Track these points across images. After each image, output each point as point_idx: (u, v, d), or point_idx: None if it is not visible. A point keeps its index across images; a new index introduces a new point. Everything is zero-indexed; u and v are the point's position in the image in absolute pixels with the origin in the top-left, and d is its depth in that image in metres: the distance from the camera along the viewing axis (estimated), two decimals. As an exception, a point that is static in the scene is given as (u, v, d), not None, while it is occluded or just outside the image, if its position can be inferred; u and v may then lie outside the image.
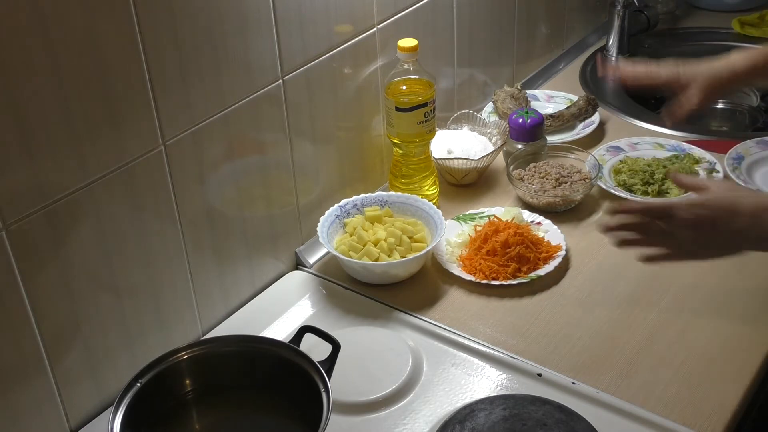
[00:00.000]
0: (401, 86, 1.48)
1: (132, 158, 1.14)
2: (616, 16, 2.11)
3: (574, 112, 1.82)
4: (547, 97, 1.94)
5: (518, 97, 1.82)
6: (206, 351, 1.16)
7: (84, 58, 1.03)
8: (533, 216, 1.54)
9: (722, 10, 2.34)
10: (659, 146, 1.73)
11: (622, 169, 1.65)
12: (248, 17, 1.24)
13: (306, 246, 1.49)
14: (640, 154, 1.71)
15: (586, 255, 1.47)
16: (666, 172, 1.59)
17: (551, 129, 1.79)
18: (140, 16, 1.08)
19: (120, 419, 1.05)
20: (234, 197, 1.32)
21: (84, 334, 1.15)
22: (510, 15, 1.89)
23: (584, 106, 1.83)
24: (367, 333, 1.32)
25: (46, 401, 1.13)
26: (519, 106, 1.78)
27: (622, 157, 1.70)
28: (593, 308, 1.35)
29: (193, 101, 1.20)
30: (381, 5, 1.48)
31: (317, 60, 1.39)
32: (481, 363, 1.27)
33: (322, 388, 1.07)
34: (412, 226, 1.45)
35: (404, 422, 1.18)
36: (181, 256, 1.26)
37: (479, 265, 1.41)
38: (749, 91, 2.12)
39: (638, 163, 1.65)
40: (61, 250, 1.09)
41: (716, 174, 1.63)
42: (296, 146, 1.40)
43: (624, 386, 1.21)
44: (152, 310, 1.24)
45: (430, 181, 1.56)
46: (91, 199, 1.10)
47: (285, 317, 1.37)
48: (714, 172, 1.64)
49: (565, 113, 1.82)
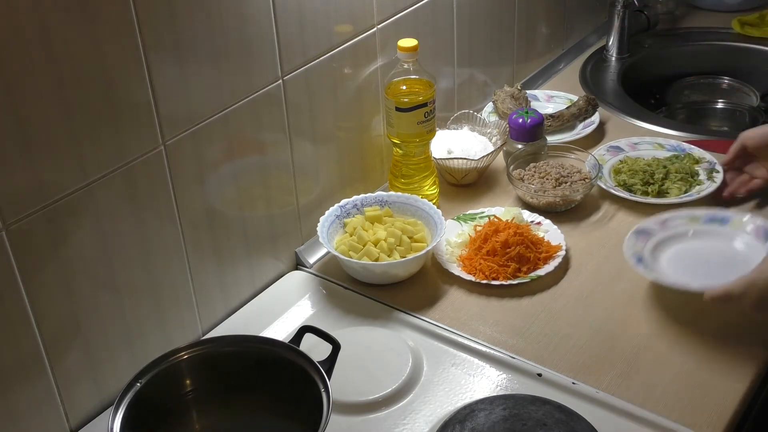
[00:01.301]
0: (401, 86, 1.48)
1: (132, 158, 1.14)
2: (616, 16, 2.11)
3: (574, 112, 1.82)
4: (547, 97, 1.94)
5: (518, 97, 1.82)
6: (206, 351, 1.15)
7: (84, 58, 1.03)
8: (533, 216, 1.54)
9: (722, 10, 2.34)
10: (659, 146, 1.73)
11: (622, 169, 1.65)
12: (248, 17, 1.24)
13: (306, 246, 1.49)
14: (640, 154, 1.71)
15: (586, 255, 1.47)
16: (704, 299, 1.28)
17: (551, 129, 1.79)
18: (140, 16, 1.08)
19: (120, 419, 1.05)
20: (234, 197, 1.32)
21: (84, 334, 1.15)
22: (510, 15, 1.89)
23: (584, 106, 1.83)
24: (367, 333, 1.32)
25: (46, 401, 1.13)
26: (519, 106, 1.78)
27: (622, 157, 1.70)
28: (593, 308, 1.35)
29: (193, 101, 1.20)
30: (381, 5, 1.48)
31: (317, 60, 1.39)
32: (481, 363, 1.27)
33: (322, 388, 1.07)
34: (412, 226, 1.45)
35: (404, 422, 1.18)
36: (181, 256, 1.26)
37: (479, 265, 1.41)
38: (749, 91, 2.12)
39: (638, 163, 1.65)
40: (61, 250, 1.09)
41: (716, 174, 1.63)
42: (296, 146, 1.40)
43: (624, 386, 1.21)
44: (152, 310, 1.24)
45: (430, 181, 1.56)
46: (91, 199, 1.10)
47: (285, 317, 1.37)
48: (714, 173, 1.63)
49: (565, 113, 1.82)
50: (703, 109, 2.14)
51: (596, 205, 1.60)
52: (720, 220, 1.41)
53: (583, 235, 1.52)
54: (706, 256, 1.37)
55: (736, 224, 1.40)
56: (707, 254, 1.37)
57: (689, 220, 1.42)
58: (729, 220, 1.41)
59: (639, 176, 1.61)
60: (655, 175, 1.61)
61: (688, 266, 1.35)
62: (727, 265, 1.33)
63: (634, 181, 1.61)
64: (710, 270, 1.34)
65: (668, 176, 1.61)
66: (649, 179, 1.60)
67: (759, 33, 2.19)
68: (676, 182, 1.59)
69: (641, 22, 2.20)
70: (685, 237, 1.41)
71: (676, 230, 1.41)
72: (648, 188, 1.59)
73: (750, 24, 2.22)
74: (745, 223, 1.40)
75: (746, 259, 1.33)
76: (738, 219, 1.40)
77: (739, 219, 1.40)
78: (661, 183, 1.59)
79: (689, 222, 1.42)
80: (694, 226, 1.41)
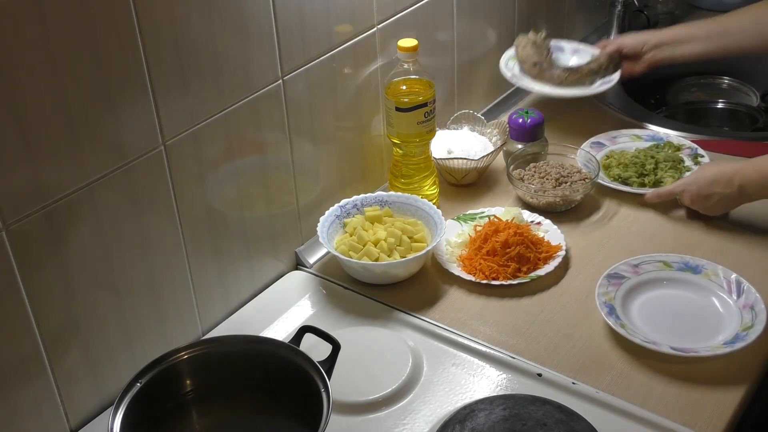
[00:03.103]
0: (401, 86, 1.48)
1: (132, 158, 1.14)
2: (616, 16, 2.11)
3: (594, 68, 1.76)
4: (572, 50, 1.88)
5: (540, 45, 1.77)
6: (206, 351, 1.16)
7: (84, 58, 1.03)
8: (533, 216, 1.54)
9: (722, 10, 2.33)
10: (637, 137, 1.76)
11: (611, 164, 1.67)
12: (248, 17, 1.24)
13: (306, 246, 1.49)
14: (621, 147, 1.74)
15: (586, 255, 1.47)
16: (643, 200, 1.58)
17: (567, 82, 1.75)
18: (140, 16, 1.08)
19: (120, 419, 1.05)
20: (234, 197, 1.32)
21: (84, 334, 1.15)
22: (510, 15, 1.89)
23: (605, 63, 1.76)
24: (367, 333, 1.32)
25: (46, 401, 1.13)
26: (540, 55, 1.75)
27: (607, 151, 1.72)
28: (593, 308, 1.35)
29: (193, 101, 1.20)
30: (381, 5, 1.48)
31: (317, 60, 1.39)
32: (481, 363, 1.27)
33: (322, 388, 1.07)
34: (412, 226, 1.45)
35: (404, 422, 1.18)
36: (181, 256, 1.26)
37: (479, 265, 1.41)
38: (749, 91, 2.12)
39: (626, 156, 1.68)
40: (61, 250, 1.09)
41: (701, 159, 1.66)
42: (296, 146, 1.40)
43: (624, 386, 1.21)
44: (152, 310, 1.24)
45: (430, 181, 1.56)
46: (91, 199, 1.10)
47: (285, 317, 1.37)
48: (699, 157, 1.67)
49: (584, 68, 1.76)
50: (703, 109, 2.14)
51: (596, 205, 1.60)
52: (693, 268, 1.38)
53: (583, 235, 1.52)
54: (677, 307, 1.34)
55: (710, 275, 1.36)
56: (679, 306, 1.34)
57: (663, 265, 1.39)
58: (701, 270, 1.37)
59: (632, 169, 1.64)
60: (646, 166, 1.64)
61: (659, 316, 1.32)
62: (698, 319, 1.31)
63: (629, 174, 1.63)
64: (680, 323, 1.30)
65: (658, 166, 1.64)
66: (642, 171, 1.63)
67: (759, 33, 2.19)
68: (668, 171, 1.63)
69: (641, 22, 2.19)
70: (658, 284, 1.37)
71: (648, 276, 1.38)
72: (644, 179, 1.62)
73: (750, 24, 2.22)
74: (718, 276, 1.35)
75: (717, 315, 1.31)
76: (711, 270, 1.37)
77: (713, 270, 1.36)
78: (655, 173, 1.63)
79: (663, 267, 1.38)
80: (667, 272, 1.38)
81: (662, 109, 2.12)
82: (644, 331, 1.28)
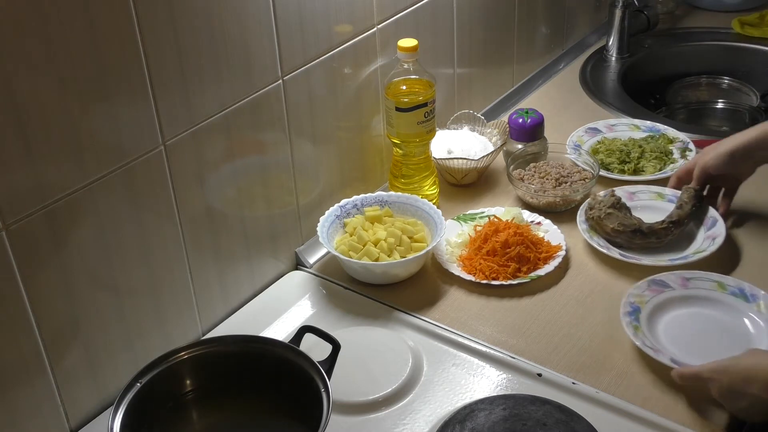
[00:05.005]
0: (401, 86, 1.48)
1: (132, 158, 1.14)
2: (616, 16, 2.11)
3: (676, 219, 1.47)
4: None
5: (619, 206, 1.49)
6: (206, 351, 1.16)
7: (84, 58, 1.03)
8: (533, 216, 1.54)
9: (722, 10, 2.34)
10: (635, 127, 1.80)
11: (599, 150, 1.72)
12: (248, 17, 1.24)
13: (306, 246, 1.49)
14: (617, 135, 1.78)
15: (586, 255, 1.47)
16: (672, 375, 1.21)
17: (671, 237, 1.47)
18: (140, 16, 1.08)
19: (120, 419, 1.05)
20: (234, 197, 1.32)
21: (84, 334, 1.15)
22: (510, 15, 1.89)
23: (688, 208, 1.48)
24: (367, 333, 1.32)
25: (46, 401, 1.13)
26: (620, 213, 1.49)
27: (600, 138, 1.77)
28: (593, 308, 1.35)
29: (193, 101, 1.20)
30: (381, 5, 1.48)
31: (317, 60, 1.39)
32: (481, 363, 1.27)
33: (322, 388, 1.07)
34: (412, 226, 1.45)
35: (404, 422, 1.18)
36: (181, 256, 1.26)
37: (479, 265, 1.41)
38: (749, 91, 2.12)
39: (615, 144, 1.72)
40: (61, 250, 1.09)
41: (689, 153, 1.69)
42: (296, 146, 1.41)
43: (624, 386, 1.21)
44: (152, 309, 1.24)
45: (430, 181, 1.56)
46: (91, 199, 1.10)
47: (285, 317, 1.37)
48: (687, 151, 1.70)
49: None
50: (703, 109, 2.14)
51: (596, 205, 1.60)
52: (746, 297, 1.29)
53: (583, 235, 1.52)
54: (707, 327, 1.27)
55: (761, 307, 1.27)
56: (709, 326, 1.28)
57: (717, 286, 1.31)
58: (756, 300, 1.28)
59: (615, 155, 1.68)
60: (631, 154, 1.68)
61: (685, 334, 1.26)
62: (730, 345, 1.22)
63: (611, 160, 1.68)
64: (706, 341, 1.24)
65: (643, 155, 1.68)
66: (625, 158, 1.67)
67: (759, 33, 2.19)
68: (651, 160, 1.67)
69: (641, 22, 2.20)
70: (700, 302, 1.30)
71: (697, 292, 1.31)
72: (624, 167, 1.66)
73: (750, 24, 2.23)
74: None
75: (750, 342, 1.23)
76: (764, 303, 1.27)
77: (766, 304, 1.27)
78: (637, 162, 1.66)
79: (716, 288, 1.31)
80: (718, 294, 1.30)
81: (662, 109, 2.13)
82: (665, 345, 1.24)
